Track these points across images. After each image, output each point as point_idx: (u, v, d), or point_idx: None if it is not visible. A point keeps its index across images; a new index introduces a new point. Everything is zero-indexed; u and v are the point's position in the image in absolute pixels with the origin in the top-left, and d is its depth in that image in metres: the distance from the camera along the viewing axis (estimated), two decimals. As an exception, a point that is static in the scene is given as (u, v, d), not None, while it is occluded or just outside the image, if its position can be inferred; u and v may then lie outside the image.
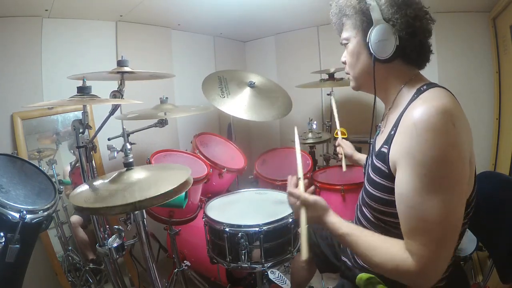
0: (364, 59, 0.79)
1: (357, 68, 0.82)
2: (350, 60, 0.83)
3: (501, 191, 1.01)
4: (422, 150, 0.62)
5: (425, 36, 0.75)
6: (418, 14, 0.73)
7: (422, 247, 0.62)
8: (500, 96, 1.81)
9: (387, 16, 0.72)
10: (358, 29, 0.78)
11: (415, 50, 0.75)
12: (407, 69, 0.78)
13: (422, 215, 0.62)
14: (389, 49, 0.73)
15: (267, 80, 2.14)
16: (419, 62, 0.79)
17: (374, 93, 0.81)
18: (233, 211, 1.28)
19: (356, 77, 0.85)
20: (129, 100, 1.08)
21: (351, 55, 0.82)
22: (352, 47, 0.81)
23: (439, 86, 0.73)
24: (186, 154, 1.75)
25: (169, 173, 1.07)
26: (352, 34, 0.80)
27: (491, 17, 1.78)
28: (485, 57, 1.85)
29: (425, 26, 0.75)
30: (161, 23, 2.16)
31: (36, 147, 1.62)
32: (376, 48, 0.74)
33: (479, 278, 1.60)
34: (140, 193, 0.86)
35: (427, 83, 0.76)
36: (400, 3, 0.72)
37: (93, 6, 1.67)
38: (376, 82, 0.79)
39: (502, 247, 0.95)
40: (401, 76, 0.79)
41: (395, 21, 0.72)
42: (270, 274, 1.54)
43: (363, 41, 0.77)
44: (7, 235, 0.91)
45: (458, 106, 0.68)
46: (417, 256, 0.62)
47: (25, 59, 1.59)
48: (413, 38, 0.73)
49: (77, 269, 1.67)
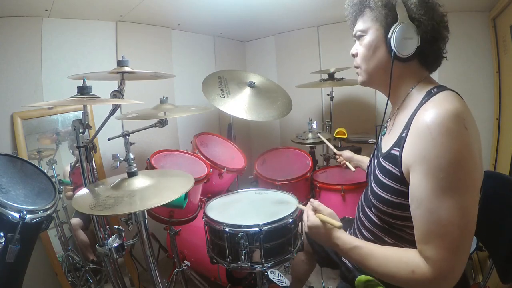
0: (381, 54, 0.78)
1: (372, 62, 0.80)
2: (366, 53, 0.81)
3: (501, 191, 1.01)
4: (438, 154, 0.62)
5: (444, 41, 0.77)
6: (442, 20, 0.75)
7: (439, 251, 0.61)
8: (500, 96, 1.81)
9: (414, 16, 0.72)
10: (380, 23, 0.76)
11: (433, 54, 0.76)
12: (420, 71, 0.79)
13: (439, 218, 0.62)
14: (410, 49, 0.73)
15: (267, 80, 2.14)
16: (433, 66, 0.80)
17: (386, 90, 0.80)
18: (233, 211, 1.28)
19: (369, 72, 0.83)
20: (129, 100, 1.08)
21: (367, 48, 0.80)
22: (370, 40, 0.79)
23: (450, 89, 0.73)
24: (186, 154, 1.74)
25: (172, 180, 1.10)
26: (374, 27, 0.78)
27: (491, 17, 1.79)
28: (485, 57, 1.85)
29: (445, 32, 0.76)
30: (161, 23, 2.16)
31: (36, 147, 1.62)
32: (397, 45, 0.73)
33: (479, 278, 1.60)
34: (145, 202, 0.90)
35: (437, 85, 0.76)
36: (429, 6, 0.73)
37: (93, 6, 1.67)
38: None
39: (502, 247, 0.95)
40: (414, 77, 0.79)
41: (421, 22, 0.72)
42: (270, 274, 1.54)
43: (383, 36, 0.76)
44: (7, 235, 0.91)
45: (468, 109, 0.68)
46: (434, 260, 0.62)
47: (25, 59, 1.59)
48: (434, 42, 0.74)
49: (77, 269, 1.67)
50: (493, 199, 1.03)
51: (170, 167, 1.59)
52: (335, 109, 2.27)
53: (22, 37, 1.57)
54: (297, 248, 1.21)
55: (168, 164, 1.60)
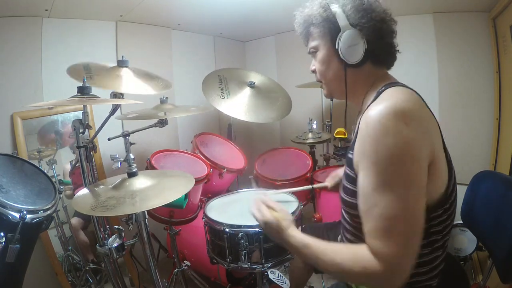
0: (335, 65, 0.80)
1: (329, 75, 0.83)
2: (321, 68, 0.84)
3: (501, 191, 1.01)
4: (375, 149, 0.63)
5: (392, 36, 0.78)
6: (383, 17, 0.75)
7: (385, 245, 0.61)
8: (500, 96, 1.81)
9: (354, 22, 0.74)
10: (326, 37, 0.79)
11: (383, 51, 0.78)
12: (376, 71, 0.80)
13: (382, 213, 0.62)
14: (358, 53, 0.75)
15: (267, 79, 2.14)
16: (388, 62, 0.81)
17: (345, 99, 0.83)
18: (233, 211, 1.28)
19: (329, 84, 0.86)
20: (129, 100, 1.09)
21: (321, 63, 0.83)
22: (322, 55, 0.82)
23: (399, 85, 0.74)
24: (186, 154, 1.74)
25: (172, 180, 1.10)
26: (321, 42, 0.81)
27: (491, 17, 1.78)
28: (485, 57, 1.85)
29: (390, 28, 0.77)
30: (161, 23, 2.16)
31: (36, 147, 1.62)
32: (346, 54, 0.75)
33: (479, 278, 1.60)
34: (147, 202, 0.91)
35: (388, 83, 0.76)
36: (365, 8, 0.74)
37: (93, 6, 1.67)
38: (347, 88, 0.81)
39: (502, 247, 0.95)
40: (369, 79, 0.80)
41: (362, 25, 0.73)
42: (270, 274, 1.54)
43: (332, 48, 0.78)
44: (7, 235, 0.91)
45: (417, 104, 0.68)
46: (381, 255, 0.61)
47: (25, 59, 1.59)
48: (381, 40, 0.75)
49: (77, 269, 1.67)
50: (493, 199, 1.03)
51: (170, 167, 1.59)
52: (335, 109, 2.27)
53: (22, 37, 1.57)
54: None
55: (168, 164, 1.60)
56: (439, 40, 1.92)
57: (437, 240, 0.72)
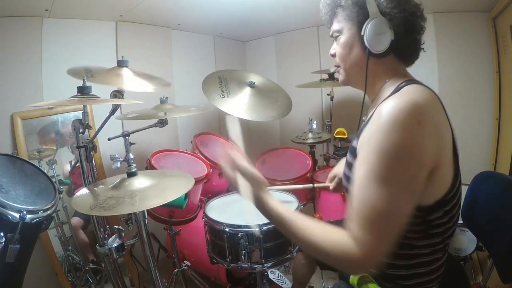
0: (357, 52, 0.78)
1: (349, 61, 0.80)
2: (342, 53, 0.81)
3: (501, 191, 1.01)
4: (379, 139, 0.62)
5: (420, 33, 0.76)
6: (415, 11, 0.73)
7: (367, 234, 0.61)
8: (500, 96, 1.81)
9: (385, 10, 0.71)
10: (353, 21, 0.76)
11: (409, 47, 0.75)
12: (397, 65, 0.78)
13: (368, 201, 0.62)
14: (384, 44, 0.72)
15: (267, 80, 2.14)
16: (411, 59, 0.79)
17: (364, 88, 0.80)
18: (233, 211, 1.28)
19: (347, 71, 0.83)
20: (129, 100, 1.08)
21: (343, 48, 0.80)
22: (345, 39, 0.78)
23: (421, 84, 0.72)
24: (186, 154, 1.75)
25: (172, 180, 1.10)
26: (347, 26, 0.77)
27: (491, 17, 1.78)
28: (485, 57, 1.85)
29: (420, 23, 0.75)
30: (161, 23, 2.16)
31: (36, 147, 1.62)
32: (371, 42, 0.72)
33: (479, 278, 1.60)
34: (146, 202, 0.91)
35: (409, 79, 0.75)
36: None
37: (93, 6, 1.67)
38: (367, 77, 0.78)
39: (502, 247, 0.95)
40: (389, 72, 0.78)
41: (393, 15, 0.71)
42: (270, 274, 1.54)
43: (357, 34, 0.75)
44: (7, 235, 0.91)
45: (434, 107, 0.67)
46: (361, 242, 0.61)
47: (25, 59, 1.59)
48: (409, 34, 0.73)
49: (77, 269, 1.67)
50: (492, 199, 1.03)
51: (170, 167, 1.59)
52: (335, 109, 2.27)
53: (22, 37, 1.57)
54: (297, 248, 1.21)
55: (168, 164, 1.60)
56: (439, 40, 1.91)
57: (438, 243, 0.71)
